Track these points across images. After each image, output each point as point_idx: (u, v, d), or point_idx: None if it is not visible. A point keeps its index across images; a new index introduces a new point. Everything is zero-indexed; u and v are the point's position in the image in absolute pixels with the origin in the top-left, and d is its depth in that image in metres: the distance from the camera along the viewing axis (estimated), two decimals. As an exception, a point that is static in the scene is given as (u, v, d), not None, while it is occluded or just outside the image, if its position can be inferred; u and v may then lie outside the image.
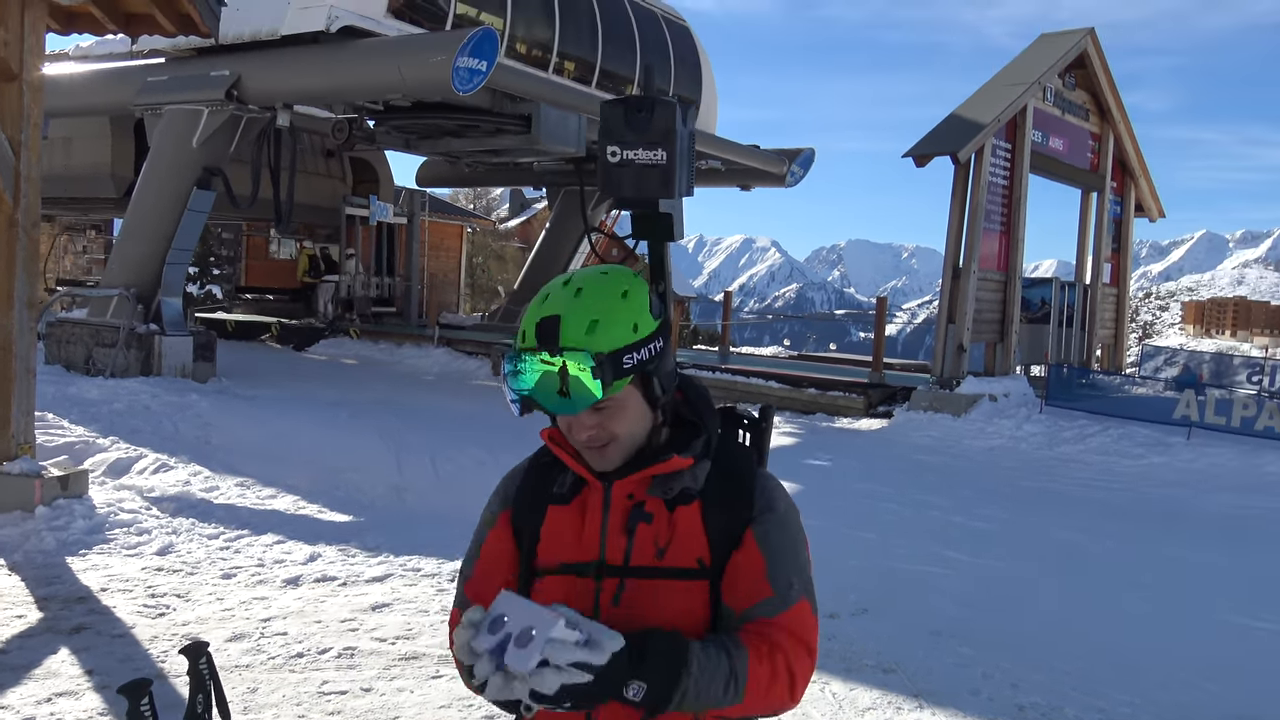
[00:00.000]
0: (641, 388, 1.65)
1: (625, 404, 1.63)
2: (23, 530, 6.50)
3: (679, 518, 1.64)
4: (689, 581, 1.62)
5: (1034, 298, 17.64)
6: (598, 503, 1.68)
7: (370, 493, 8.49)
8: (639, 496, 1.66)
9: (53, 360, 13.95)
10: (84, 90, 15.61)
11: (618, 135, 2.16)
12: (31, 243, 7.03)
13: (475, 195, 43.75)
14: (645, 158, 2.13)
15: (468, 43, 12.25)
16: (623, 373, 1.59)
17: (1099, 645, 5.58)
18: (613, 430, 1.63)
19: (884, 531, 8.11)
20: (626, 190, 2.16)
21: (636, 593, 1.62)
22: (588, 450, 1.65)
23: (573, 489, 1.72)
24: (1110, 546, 8.06)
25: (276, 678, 4.55)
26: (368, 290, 23.03)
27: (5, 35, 6.77)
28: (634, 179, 2.15)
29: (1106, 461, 12.16)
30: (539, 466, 1.79)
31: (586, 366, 1.55)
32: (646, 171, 2.13)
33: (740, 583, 1.62)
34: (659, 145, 2.13)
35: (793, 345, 28.85)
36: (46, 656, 4.67)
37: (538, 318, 1.61)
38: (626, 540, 1.64)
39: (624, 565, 1.63)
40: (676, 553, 1.63)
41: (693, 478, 1.67)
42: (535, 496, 1.75)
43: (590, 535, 1.67)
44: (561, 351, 1.56)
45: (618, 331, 1.59)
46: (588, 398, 1.57)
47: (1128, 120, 18.98)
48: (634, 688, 1.43)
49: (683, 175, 2.13)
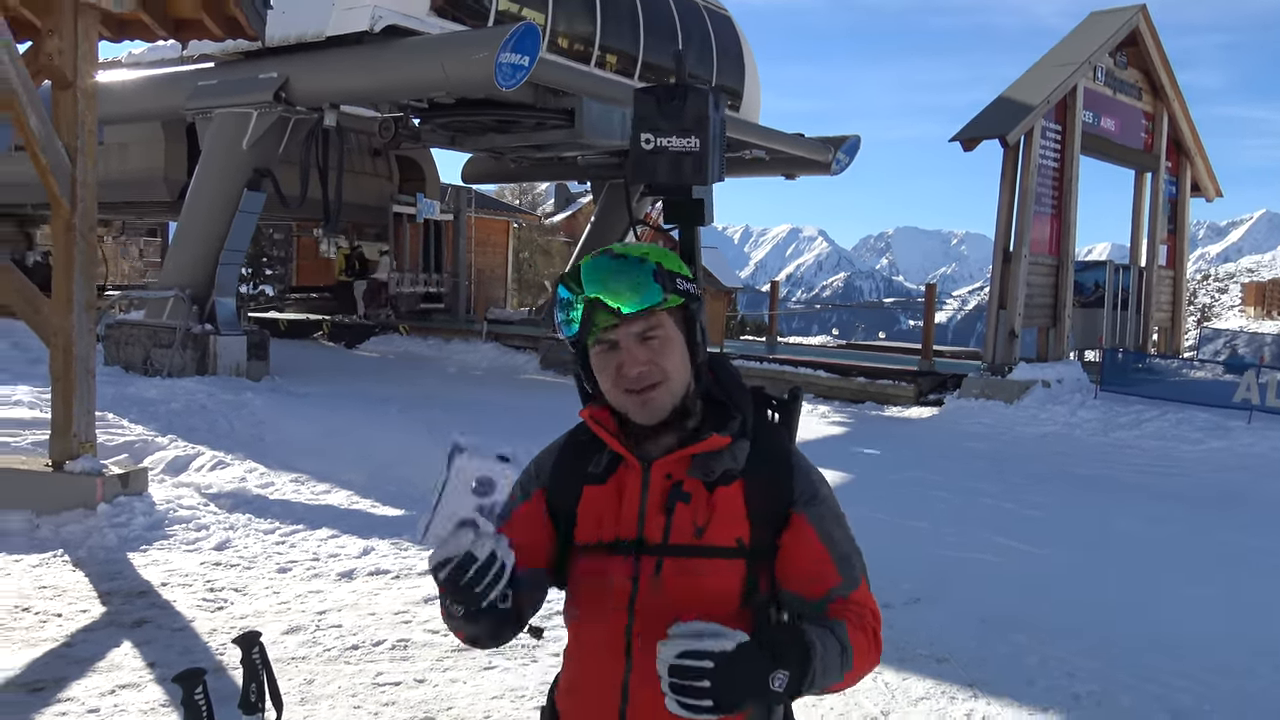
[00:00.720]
0: (685, 330, 1.69)
1: (672, 339, 1.66)
2: (85, 527, 6.66)
3: (718, 497, 1.66)
4: (727, 560, 1.64)
5: (1087, 281, 17.33)
6: (636, 482, 1.69)
7: (421, 486, 8.54)
8: (677, 476, 1.68)
9: (112, 361, 14.28)
10: (136, 96, 15.94)
11: (650, 123, 2.16)
12: (89, 247, 7.19)
13: (520, 190, 43.97)
14: (679, 145, 2.13)
15: (510, 38, 12.31)
16: (678, 290, 1.64)
17: (1156, 632, 5.48)
18: (664, 366, 1.64)
19: (935, 520, 8.03)
20: (660, 177, 2.17)
21: (675, 570, 1.63)
22: (635, 402, 1.66)
23: (608, 468, 1.73)
24: (1167, 532, 7.90)
25: (332, 669, 4.62)
26: (415, 287, 23.27)
27: (59, 44, 6.92)
28: (667, 166, 2.15)
29: (1163, 447, 11.93)
30: (575, 444, 1.80)
31: (648, 269, 1.62)
32: (680, 159, 2.13)
33: (805, 571, 1.65)
34: (692, 132, 2.13)
35: (841, 334, 28.65)
36: (110, 649, 4.79)
37: (589, 255, 1.68)
38: (665, 519, 1.65)
39: (663, 543, 1.65)
40: (715, 532, 1.64)
41: (732, 457, 1.68)
42: (571, 474, 1.76)
43: (628, 514, 1.68)
44: (621, 258, 1.63)
45: (667, 260, 1.68)
46: (651, 295, 1.61)
47: (1182, 98, 18.55)
48: (779, 677, 1.46)
49: (715, 161, 2.13)
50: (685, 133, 1.78)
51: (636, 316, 1.62)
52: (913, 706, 4.42)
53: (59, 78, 7.00)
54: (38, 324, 7.24)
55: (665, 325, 1.66)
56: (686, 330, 1.69)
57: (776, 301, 24.31)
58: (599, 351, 1.68)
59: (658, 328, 1.65)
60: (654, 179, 1.79)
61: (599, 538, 1.70)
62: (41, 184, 7.03)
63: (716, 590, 1.63)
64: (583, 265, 1.66)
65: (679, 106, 1.79)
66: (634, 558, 1.65)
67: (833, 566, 1.66)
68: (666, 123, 1.81)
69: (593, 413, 1.74)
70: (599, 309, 1.62)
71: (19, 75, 6.68)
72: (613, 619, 1.66)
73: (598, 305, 1.62)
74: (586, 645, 1.72)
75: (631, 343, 1.64)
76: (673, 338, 1.67)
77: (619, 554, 1.66)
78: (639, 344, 1.64)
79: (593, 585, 1.69)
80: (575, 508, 1.74)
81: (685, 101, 1.77)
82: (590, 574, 1.70)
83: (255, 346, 14.47)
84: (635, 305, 1.62)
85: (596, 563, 1.69)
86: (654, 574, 1.63)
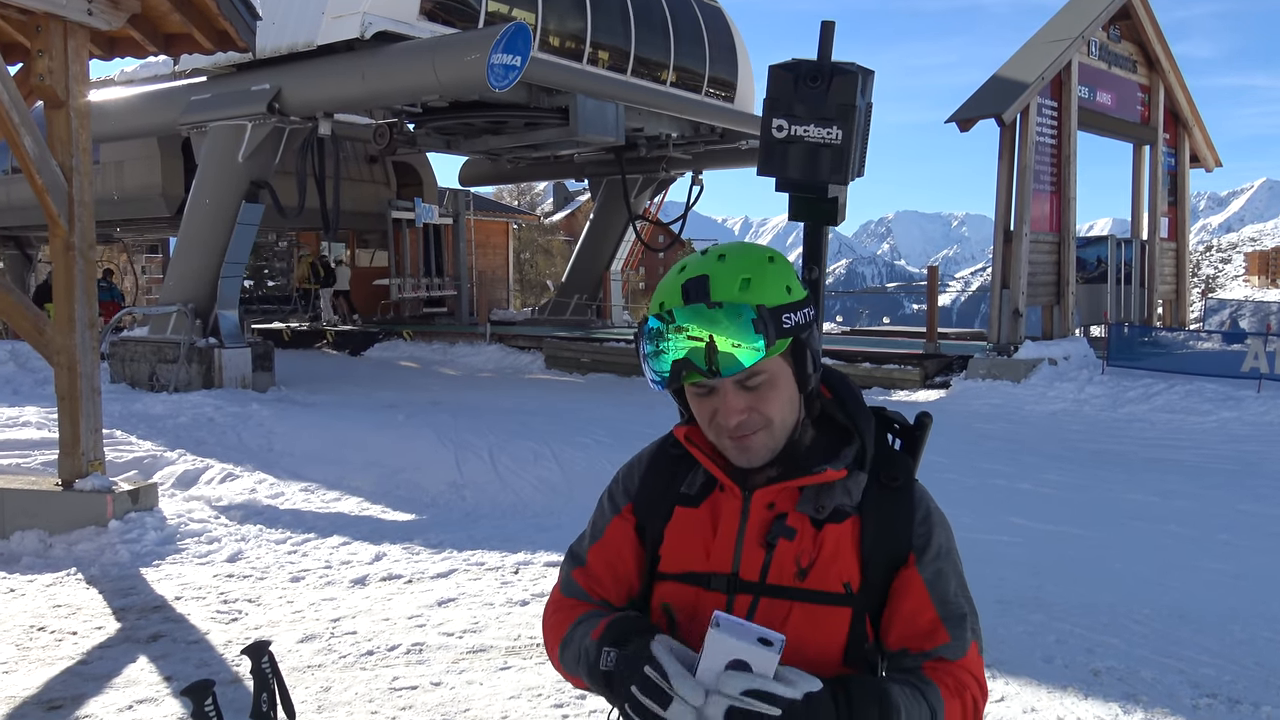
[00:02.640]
0: (793, 363, 1.49)
1: (777, 381, 1.47)
2: (98, 544, 6.67)
3: (827, 535, 1.49)
4: (832, 607, 1.47)
5: (1090, 257, 17.27)
6: (734, 510, 1.52)
7: (431, 491, 8.57)
8: (781, 508, 1.51)
9: (118, 379, 14.31)
10: (131, 113, 15.96)
11: (785, 107, 1.88)
12: (88, 265, 7.19)
13: (519, 191, 44.00)
14: (817, 135, 1.86)
15: (501, 39, 12.30)
16: (783, 331, 1.43)
17: (1176, 606, 5.46)
18: (766, 413, 1.47)
19: (947, 502, 7.91)
20: (792, 171, 1.90)
21: (771, 614, 1.46)
22: (734, 447, 1.49)
23: (703, 490, 1.56)
24: (1182, 505, 7.87)
25: (348, 676, 4.62)
26: (417, 291, 23.32)
27: (50, 64, 6.92)
28: (801, 158, 1.88)
29: (1174, 419, 11.89)
30: (667, 458, 1.62)
31: (746, 319, 1.40)
32: (817, 151, 1.87)
33: (911, 626, 1.49)
34: (834, 122, 1.85)
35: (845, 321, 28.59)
36: (126, 665, 4.79)
37: (681, 281, 1.45)
38: (765, 555, 1.49)
39: (760, 583, 1.48)
40: (821, 574, 1.47)
41: (846, 492, 1.51)
42: (661, 492, 1.59)
43: (723, 545, 1.51)
44: (718, 306, 1.41)
45: (772, 290, 1.45)
46: (751, 353, 1.40)
47: (1177, 69, 18.47)
48: None
49: (857, 156, 1.87)
50: (826, 121, 1.55)
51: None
52: (932, 689, 4.40)
53: (51, 98, 6.99)
54: (41, 344, 7.25)
55: (769, 369, 1.46)
56: (795, 363, 1.50)
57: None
58: (694, 392, 1.50)
59: (760, 372, 1.45)
60: (784, 173, 1.59)
61: (689, 567, 1.53)
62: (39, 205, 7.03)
63: (816, 641, 1.46)
64: (678, 311, 1.43)
65: (821, 91, 1.55)
66: (728, 596, 1.49)
67: (943, 626, 1.49)
68: (804, 108, 1.58)
69: (689, 433, 1.57)
70: (689, 370, 1.43)
71: (11, 96, 6.68)
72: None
73: (687, 365, 1.43)
74: None
75: (729, 389, 1.46)
76: (778, 379, 1.48)
77: (711, 589, 1.50)
78: (738, 390, 1.46)
79: (676, 619, 1.52)
80: (663, 529, 1.57)
81: (830, 85, 1.53)
82: (677, 606, 1.53)
83: (260, 358, 14.48)
84: (733, 368, 1.42)
85: (684, 595, 1.52)
86: (747, 616, 1.46)
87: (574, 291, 23.15)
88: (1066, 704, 4.24)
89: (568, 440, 9.54)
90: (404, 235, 23.13)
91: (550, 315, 22.82)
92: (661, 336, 1.44)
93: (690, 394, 1.51)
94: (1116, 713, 4.16)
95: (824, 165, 1.85)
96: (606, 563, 1.61)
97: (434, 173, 24.39)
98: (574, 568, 1.64)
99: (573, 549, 1.68)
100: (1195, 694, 4.33)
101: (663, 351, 1.44)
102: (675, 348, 1.43)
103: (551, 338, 18.88)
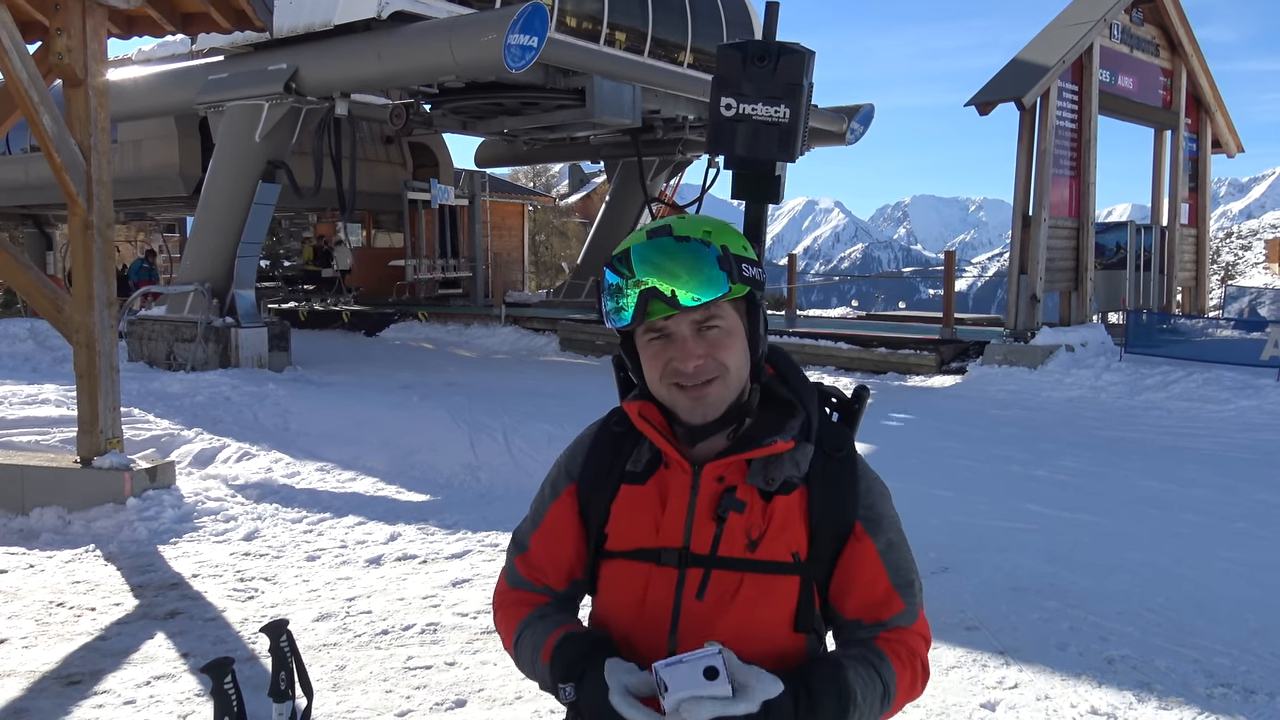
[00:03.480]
0: (747, 322, 1.53)
1: (733, 331, 1.51)
2: (116, 521, 6.72)
3: (776, 506, 1.51)
4: (781, 576, 1.50)
5: (1109, 243, 17.14)
6: (684, 485, 1.54)
7: (446, 472, 8.60)
8: (730, 481, 1.53)
9: (136, 357, 14.40)
10: (149, 92, 16.00)
11: (734, 86, 1.91)
12: (106, 244, 7.22)
13: (535, 173, 43.90)
14: (765, 114, 1.89)
15: (518, 20, 12.25)
16: (743, 278, 1.48)
17: (1192, 595, 5.43)
18: (722, 360, 1.49)
19: (962, 489, 7.98)
20: (740, 148, 1.93)
21: (722, 586, 1.50)
22: (686, 399, 1.50)
23: (649, 467, 1.57)
24: (1199, 494, 7.83)
25: (363, 654, 4.65)
26: (433, 273, 23.38)
27: (68, 42, 6.93)
28: (749, 137, 1.91)
29: (1192, 408, 11.81)
30: (610, 436, 1.65)
31: (711, 256, 1.45)
32: (764, 129, 1.89)
33: (867, 595, 1.54)
34: (782, 100, 1.88)
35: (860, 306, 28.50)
36: (144, 641, 4.83)
37: (645, 230, 1.51)
38: (716, 528, 1.51)
39: (710, 555, 1.50)
40: (771, 545, 1.50)
41: (794, 464, 1.54)
42: (605, 470, 1.61)
43: (673, 520, 1.53)
44: (684, 240, 1.46)
45: (733, 243, 1.50)
46: (714, 287, 1.44)
47: (1200, 53, 18.26)
48: None
49: (802, 135, 1.90)
50: (774, 100, 1.56)
51: (696, 306, 1.47)
52: (943, 675, 4.40)
53: (69, 76, 7.01)
54: (60, 322, 7.29)
55: (726, 315, 1.50)
56: (749, 321, 1.54)
57: (794, 275, 24.20)
58: (649, 341, 1.52)
59: (718, 318, 1.49)
60: (732, 150, 1.60)
61: (638, 544, 1.54)
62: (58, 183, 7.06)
63: (768, 611, 1.50)
64: (634, 247, 1.48)
65: (769, 69, 1.56)
66: (679, 570, 1.51)
67: (897, 595, 1.54)
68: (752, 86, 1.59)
69: (641, 408, 1.57)
70: (654, 298, 1.45)
71: (30, 75, 6.69)
72: (650, 635, 1.52)
73: (653, 294, 1.45)
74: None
75: (687, 334, 1.48)
76: (734, 329, 1.51)
77: (661, 564, 1.52)
78: (695, 335, 1.49)
79: (629, 597, 1.55)
80: (609, 507, 1.58)
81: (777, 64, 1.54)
82: (626, 584, 1.55)
83: (276, 338, 14.55)
84: (697, 296, 1.45)
85: (633, 572, 1.54)
86: (699, 590, 1.50)
87: (589, 274, 23.15)
88: (1080, 691, 4.23)
89: (582, 422, 9.39)
90: (419, 216, 23.15)
91: (565, 298, 22.82)
92: (621, 292, 1.48)
93: (645, 347, 1.53)
94: (1130, 701, 4.14)
95: (772, 143, 1.88)
96: (547, 548, 1.63)
97: (450, 154, 24.40)
98: (517, 554, 1.67)
99: (516, 534, 1.71)
100: (1210, 683, 4.32)
101: (621, 309, 1.48)
102: (632, 295, 1.46)
103: (566, 320, 18.89)
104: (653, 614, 1.51)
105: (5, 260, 7.37)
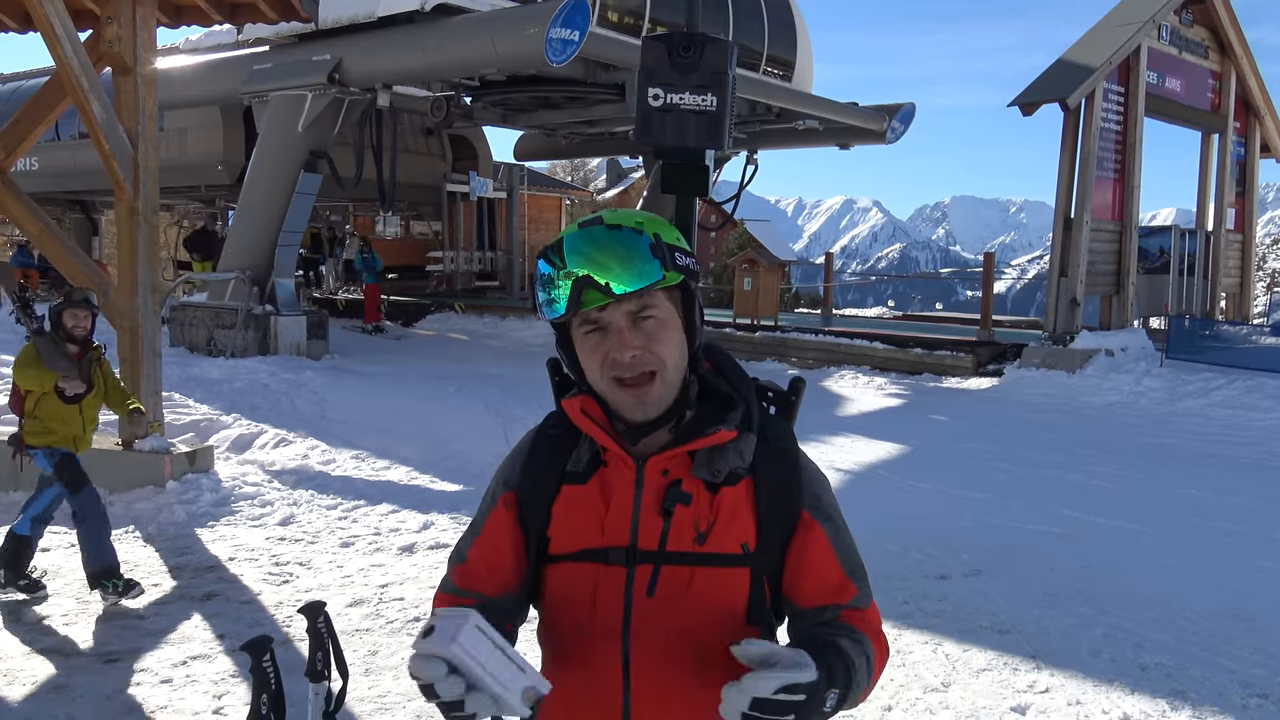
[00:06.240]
0: (683, 312, 1.51)
1: (669, 323, 1.48)
2: (155, 504, 6.84)
3: (723, 498, 1.49)
4: (732, 569, 1.49)
5: (1152, 247, 16.89)
6: (628, 481, 1.51)
7: (479, 462, 8.64)
8: (675, 474, 1.50)
9: (177, 343, 14.59)
10: (195, 81, 16.19)
11: (661, 76, 1.93)
12: (151, 230, 7.34)
13: (573, 167, 44.00)
14: (692, 103, 1.91)
15: (560, 13, 12.27)
16: (677, 266, 1.46)
17: (1229, 605, 5.36)
18: (659, 354, 1.46)
19: (996, 492, 7.92)
20: (668, 138, 1.94)
21: (673, 581, 1.47)
22: (628, 397, 1.48)
23: (590, 466, 1.54)
24: (1239, 503, 7.71)
25: (395, 641, 4.69)
26: (470, 265, 23.49)
27: (118, 30, 7.04)
28: (676, 126, 1.93)
29: (1233, 415, 11.62)
30: (547, 440, 1.61)
31: (644, 244, 1.43)
32: (692, 118, 1.91)
33: (822, 582, 1.53)
34: (708, 89, 1.90)
35: (897, 306, 28.31)
36: (181, 622, 4.92)
37: (576, 224, 1.50)
38: (663, 522, 1.48)
39: (659, 550, 1.48)
40: (720, 537, 1.48)
41: (739, 454, 1.51)
42: (543, 474, 1.57)
43: (618, 518, 1.50)
44: (616, 228, 1.45)
45: (666, 233, 1.48)
46: (647, 274, 1.43)
47: (1251, 56, 17.93)
48: (831, 698, 1.35)
49: (729, 123, 1.91)
50: (700, 89, 1.59)
51: (630, 295, 1.43)
52: (974, 678, 4.38)
53: (119, 64, 7.12)
54: (104, 307, 7.40)
55: (661, 305, 1.48)
56: (685, 311, 1.51)
57: (831, 274, 24.08)
58: (585, 334, 1.50)
59: (653, 308, 1.47)
60: (661, 140, 1.62)
61: (583, 545, 1.51)
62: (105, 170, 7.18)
63: (720, 604, 1.48)
64: (567, 236, 1.47)
65: (694, 59, 1.59)
66: (628, 568, 1.48)
67: (850, 581, 1.54)
68: (679, 77, 1.62)
69: (583, 403, 1.54)
70: (588, 287, 1.43)
71: (81, 63, 6.81)
72: (603, 637, 1.48)
73: (586, 283, 1.43)
74: (578, 665, 1.52)
75: (623, 324, 1.46)
76: (669, 320, 1.49)
77: (609, 563, 1.49)
78: (631, 326, 1.46)
79: (578, 600, 1.51)
80: (549, 510, 1.55)
81: (702, 54, 1.57)
82: (573, 587, 1.52)
83: (314, 326, 14.68)
84: (630, 284, 1.42)
85: (580, 574, 1.51)
86: (649, 586, 1.47)
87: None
88: (1113, 698, 4.19)
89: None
90: (458, 208, 23.26)
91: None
92: (553, 282, 1.46)
93: (580, 339, 1.51)
94: (1164, 709, 4.10)
95: (700, 132, 1.88)
96: (484, 558, 1.59)
97: (489, 147, 24.45)
98: (456, 565, 1.63)
99: (458, 546, 1.66)
100: (1246, 694, 4.26)
101: (554, 300, 1.46)
102: (565, 286, 1.45)
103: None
104: (603, 615, 1.49)
105: (53, 245, 7.50)
